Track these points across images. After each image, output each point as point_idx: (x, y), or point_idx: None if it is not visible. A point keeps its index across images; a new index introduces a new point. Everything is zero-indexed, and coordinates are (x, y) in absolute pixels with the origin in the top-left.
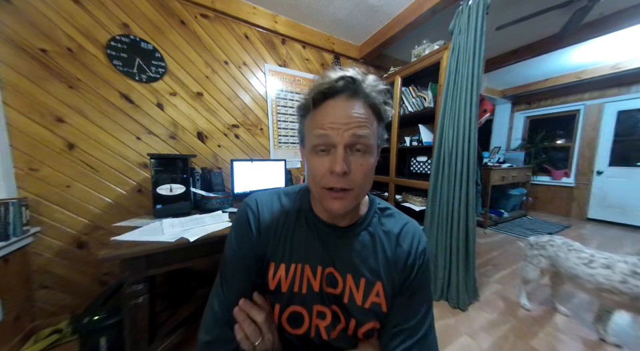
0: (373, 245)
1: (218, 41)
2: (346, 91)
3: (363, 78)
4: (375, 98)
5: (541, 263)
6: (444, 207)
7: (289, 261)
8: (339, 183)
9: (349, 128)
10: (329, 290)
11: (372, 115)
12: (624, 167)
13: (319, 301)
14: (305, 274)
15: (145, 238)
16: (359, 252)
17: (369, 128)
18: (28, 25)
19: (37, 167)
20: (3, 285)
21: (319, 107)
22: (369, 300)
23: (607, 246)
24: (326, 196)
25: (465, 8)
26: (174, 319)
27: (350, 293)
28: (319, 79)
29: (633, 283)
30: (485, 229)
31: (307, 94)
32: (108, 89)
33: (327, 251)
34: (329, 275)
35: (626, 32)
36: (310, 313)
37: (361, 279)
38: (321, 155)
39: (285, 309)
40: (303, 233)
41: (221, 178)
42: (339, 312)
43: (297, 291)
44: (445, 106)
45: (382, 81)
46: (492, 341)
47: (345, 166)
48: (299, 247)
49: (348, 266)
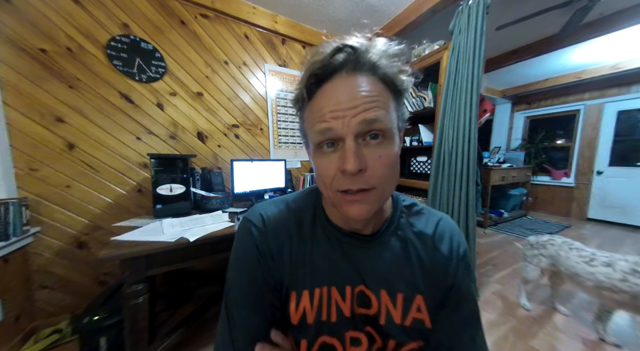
0: (405, 253)
1: (218, 41)
2: (346, 66)
3: (367, 45)
4: (387, 67)
5: (541, 262)
6: (444, 207)
7: (312, 286)
8: (354, 184)
9: (357, 112)
10: (362, 311)
11: (385, 90)
12: (624, 167)
13: (351, 327)
14: (332, 298)
15: (145, 238)
16: (390, 263)
17: (383, 108)
18: (28, 25)
19: (37, 167)
20: (3, 285)
21: (315, 94)
22: (410, 317)
23: (607, 246)
24: (342, 201)
25: (465, 8)
26: (174, 319)
27: (387, 312)
28: (311, 56)
29: (633, 281)
30: (485, 229)
31: (298, 82)
32: (108, 89)
33: (353, 266)
34: (359, 294)
35: (626, 32)
36: (343, 342)
37: (398, 295)
38: (328, 153)
39: (313, 343)
40: (322, 249)
41: (220, 178)
42: (374, 334)
43: (325, 319)
44: (445, 106)
45: (392, 42)
46: (492, 342)
47: (358, 162)
48: (321, 267)
49: (380, 281)
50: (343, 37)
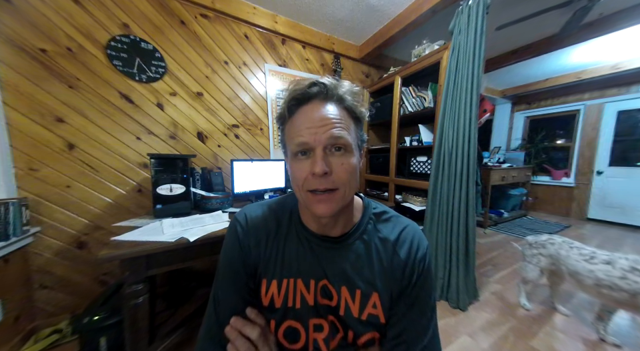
0: (367, 255)
1: (218, 41)
2: (319, 95)
3: (335, 83)
4: (350, 100)
5: (541, 262)
6: (444, 207)
7: (281, 277)
8: (321, 184)
9: (326, 129)
10: (324, 302)
11: (348, 116)
12: (624, 167)
13: (314, 314)
14: (297, 289)
15: (145, 238)
16: (352, 263)
17: (345, 129)
18: (28, 25)
19: (37, 167)
20: (3, 285)
21: (295, 114)
22: (366, 312)
23: (607, 246)
24: (311, 200)
25: (465, 8)
26: (174, 319)
27: (346, 306)
28: (293, 85)
29: (632, 279)
30: (485, 229)
31: (282, 103)
32: (108, 89)
33: (319, 264)
34: (323, 287)
35: (626, 32)
36: (306, 328)
37: (357, 291)
38: (302, 159)
39: (280, 324)
40: (294, 247)
41: (220, 178)
42: (337, 323)
43: (290, 306)
44: (444, 106)
45: (355, 84)
46: (492, 341)
47: (325, 166)
48: (290, 262)
49: (342, 278)
50: (322, 76)
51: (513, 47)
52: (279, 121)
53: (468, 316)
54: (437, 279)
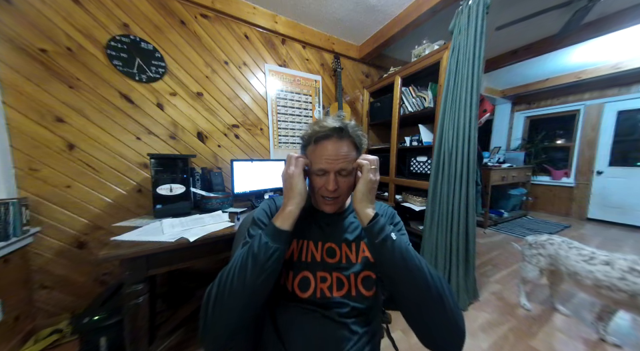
0: (356, 222)
1: (218, 41)
2: (336, 134)
3: (347, 124)
4: (356, 136)
5: (540, 262)
6: (444, 207)
7: (299, 238)
8: (330, 195)
9: (338, 163)
10: (329, 260)
11: (353, 148)
12: (624, 167)
13: (321, 268)
14: (309, 248)
15: (145, 238)
16: (346, 228)
17: (350, 162)
18: (28, 25)
19: (37, 167)
20: (3, 285)
21: (318, 144)
22: (360, 256)
23: (607, 246)
24: (322, 202)
25: (465, 8)
26: (174, 319)
27: (347, 256)
28: (318, 123)
29: (630, 280)
30: (485, 229)
31: (309, 132)
32: (108, 89)
33: (323, 231)
34: (328, 248)
35: (626, 32)
36: (315, 277)
37: (352, 244)
38: (320, 176)
39: (296, 275)
40: (307, 220)
41: (220, 178)
42: (341, 276)
43: (303, 260)
44: (444, 106)
45: (358, 126)
46: (492, 341)
47: (335, 185)
48: (303, 230)
49: (342, 239)
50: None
51: (513, 47)
52: (303, 141)
53: (468, 316)
54: None
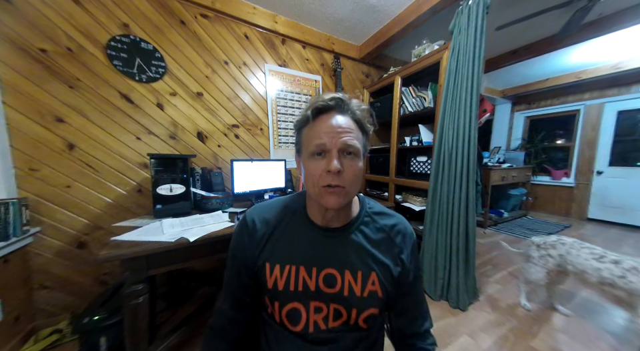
0: (366, 242)
1: (218, 41)
2: (336, 107)
3: (349, 100)
4: (359, 115)
5: (549, 263)
6: (444, 207)
7: (283, 263)
8: (334, 181)
9: (341, 136)
10: (327, 290)
11: (357, 128)
12: (624, 167)
13: (315, 298)
14: (300, 275)
15: (145, 238)
16: (354, 249)
17: (355, 138)
18: (28, 25)
19: (37, 167)
20: (3, 285)
21: (316, 120)
22: (367, 289)
23: (608, 246)
24: (324, 193)
25: (465, 8)
26: (174, 319)
27: (349, 287)
28: (315, 98)
29: (629, 278)
30: (485, 229)
31: (304, 110)
32: (108, 89)
33: (322, 253)
34: (326, 276)
35: (626, 32)
36: (307, 308)
37: (358, 272)
38: (318, 159)
39: (283, 306)
40: (297, 238)
41: (220, 178)
42: (340, 307)
43: (292, 289)
44: (444, 106)
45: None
46: (492, 341)
47: (339, 165)
48: (293, 251)
49: (345, 263)
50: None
51: (513, 47)
52: (297, 124)
53: (468, 316)
54: (437, 279)
